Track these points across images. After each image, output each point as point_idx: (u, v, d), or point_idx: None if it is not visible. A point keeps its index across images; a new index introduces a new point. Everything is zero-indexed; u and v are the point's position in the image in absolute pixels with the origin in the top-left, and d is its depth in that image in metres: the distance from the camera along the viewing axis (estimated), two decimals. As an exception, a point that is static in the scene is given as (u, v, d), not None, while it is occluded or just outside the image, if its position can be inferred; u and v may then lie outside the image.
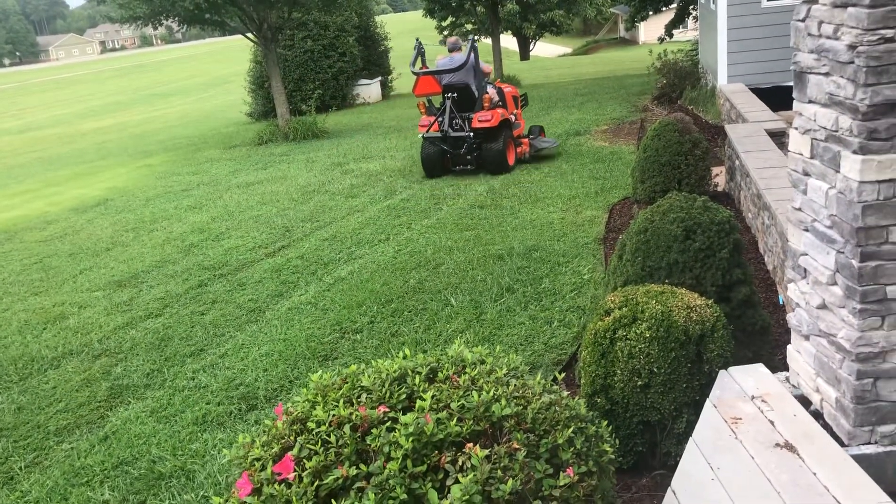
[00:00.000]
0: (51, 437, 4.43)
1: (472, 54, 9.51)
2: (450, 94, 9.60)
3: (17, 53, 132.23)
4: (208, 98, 31.04)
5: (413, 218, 8.09)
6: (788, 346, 3.29)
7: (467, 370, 2.55)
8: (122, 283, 7.12)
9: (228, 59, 52.63)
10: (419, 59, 10.14)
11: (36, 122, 29.17)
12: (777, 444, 2.73)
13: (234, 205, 9.77)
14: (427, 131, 9.62)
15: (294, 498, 2.12)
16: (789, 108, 9.12)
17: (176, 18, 13.24)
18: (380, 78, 21.73)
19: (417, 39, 10.40)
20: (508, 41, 36.47)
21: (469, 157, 9.67)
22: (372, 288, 6.13)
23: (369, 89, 20.91)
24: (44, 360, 5.55)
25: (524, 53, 37.71)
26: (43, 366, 5.46)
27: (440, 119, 9.57)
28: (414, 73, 10.01)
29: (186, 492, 3.64)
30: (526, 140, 10.05)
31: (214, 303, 6.28)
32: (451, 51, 9.87)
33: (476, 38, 10.33)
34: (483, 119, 9.26)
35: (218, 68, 48.03)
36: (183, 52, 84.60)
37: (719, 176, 7.50)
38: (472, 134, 9.46)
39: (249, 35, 14.59)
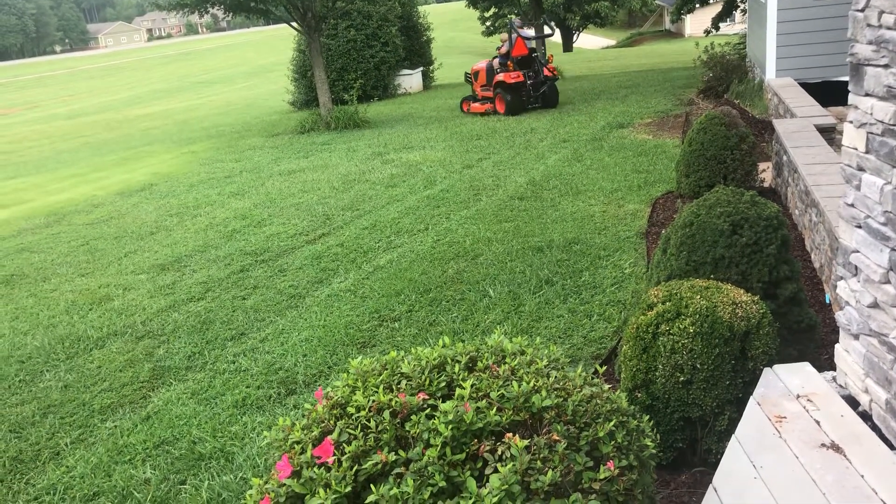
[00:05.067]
0: (95, 415, 4.52)
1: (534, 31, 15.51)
2: (532, 54, 14.08)
3: (68, 40, 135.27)
4: (251, 87, 31.36)
5: (452, 208, 8.08)
6: (836, 346, 3.21)
7: (507, 360, 2.53)
8: (165, 266, 7.23)
9: (272, 48, 53.07)
10: (513, 30, 14.09)
11: (84, 108, 29.78)
12: (823, 445, 2.66)
13: (275, 192, 9.86)
14: (512, 81, 13.54)
15: (333, 482, 2.13)
16: (839, 103, 8.87)
17: (222, 6, 13.37)
18: (421, 68, 21.74)
19: (510, 18, 14.94)
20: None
21: (539, 95, 13.94)
22: (410, 277, 6.14)
23: (411, 79, 20.93)
24: (89, 340, 5.67)
25: (567, 45, 37.40)
26: (88, 345, 5.57)
27: (524, 71, 13.75)
28: (520, 35, 13.97)
29: (226, 473, 3.69)
30: None
31: (255, 288, 6.35)
32: (519, 28, 14.42)
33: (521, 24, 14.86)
34: (550, 69, 14.08)
35: (261, 57, 48.46)
36: (227, 40, 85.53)
37: (766, 171, 7.35)
38: (545, 80, 13.89)
39: (293, 24, 14.68)
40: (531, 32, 17.96)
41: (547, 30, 17.26)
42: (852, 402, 3.01)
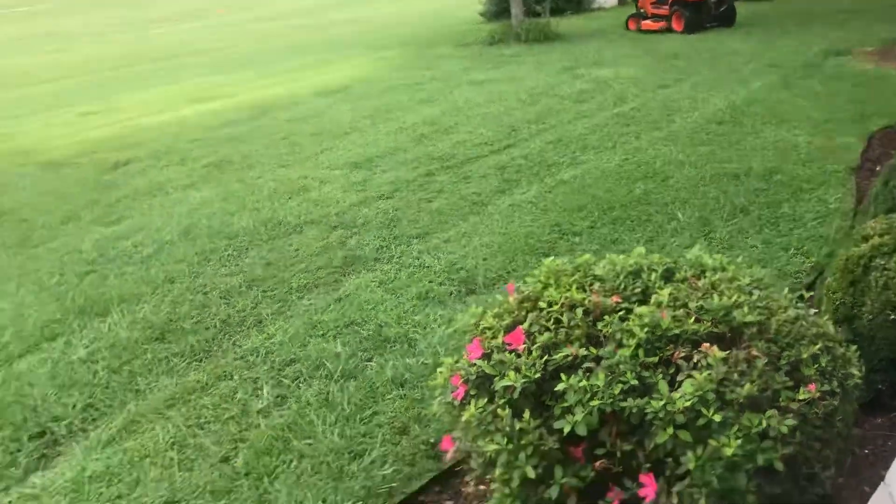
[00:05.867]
0: (293, 292, 4.90)
1: None
2: None
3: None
4: (443, -3, 31.38)
5: (643, 128, 7.81)
6: None
7: (706, 275, 2.47)
8: (358, 164, 7.57)
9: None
10: None
11: (284, 11, 31.13)
12: None
13: (463, 101, 9.95)
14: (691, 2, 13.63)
15: (524, 367, 2.20)
16: None
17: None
18: (618, -17, 20.74)
19: None
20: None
21: (719, 14, 13.75)
22: (594, 194, 6.05)
23: (606, -6, 20.08)
24: (288, 225, 6.10)
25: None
26: (287, 230, 6.00)
27: None
28: None
29: (408, 357, 3.91)
30: None
31: (440, 192, 6.52)
32: None
33: None
34: None
35: (454, -33, 48.17)
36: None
37: None
38: None
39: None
40: None
41: None
42: None
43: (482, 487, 2.85)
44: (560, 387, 2.12)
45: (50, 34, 30.53)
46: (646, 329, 2.14)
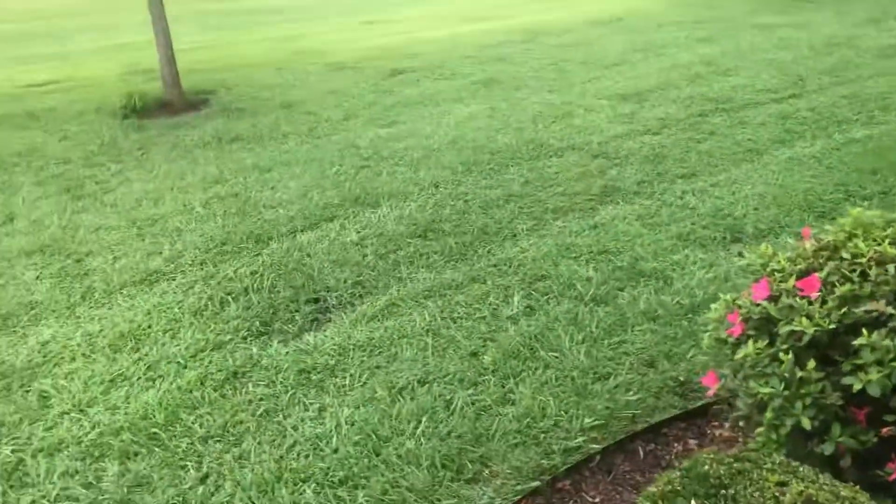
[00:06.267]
0: (548, 213, 4.95)
1: None
2: None
3: None
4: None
5: (962, 94, 6.82)
6: None
7: None
8: (625, 96, 7.38)
9: None
10: None
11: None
12: None
13: (746, 44, 9.26)
14: None
15: (817, 315, 2.05)
16: None
17: None
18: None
19: None
20: None
21: None
22: (892, 159, 5.41)
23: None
24: (550, 147, 6.13)
25: None
26: (548, 152, 6.03)
27: None
28: None
29: (663, 293, 3.81)
30: None
31: (712, 134, 6.18)
32: None
33: None
34: None
35: None
36: None
37: None
38: None
39: None
40: None
41: None
42: None
43: (732, 434, 2.75)
44: (859, 341, 1.95)
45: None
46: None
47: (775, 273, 2.32)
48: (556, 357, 3.37)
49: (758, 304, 2.22)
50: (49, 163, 6.45)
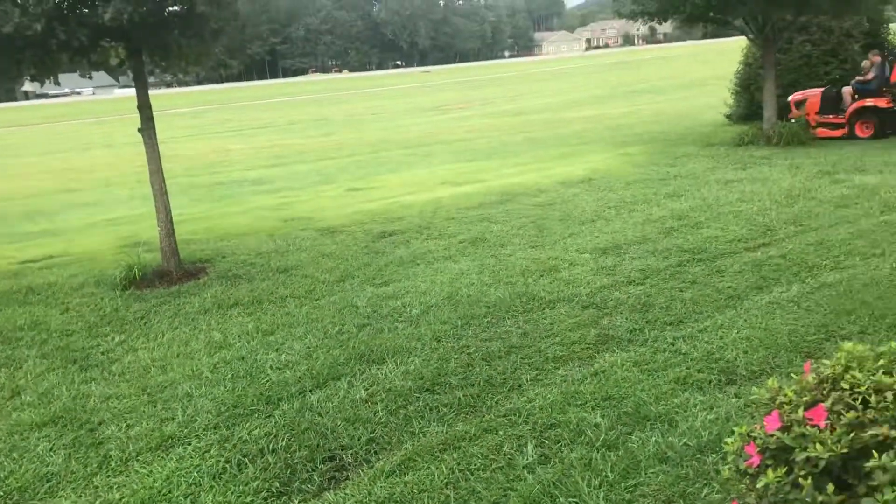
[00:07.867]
0: (549, 362, 5.15)
1: None
2: None
3: (516, 47, 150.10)
4: (684, 98, 31.31)
5: (918, 237, 7.33)
6: None
7: None
8: (606, 250, 7.80)
9: (707, 61, 52.26)
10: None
11: (528, 107, 32.72)
12: None
13: (712, 198, 9.90)
14: (885, 106, 14.03)
15: (829, 441, 2.24)
16: None
17: (681, 15, 13.69)
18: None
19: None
20: None
21: None
22: (864, 299, 5.77)
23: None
24: (541, 300, 6.42)
25: None
26: (541, 304, 6.31)
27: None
28: None
29: (670, 435, 3.97)
30: None
31: (693, 283, 6.54)
32: None
33: None
34: None
35: (695, 70, 48.00)
36: (662, 52, 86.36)
37: None
38: None
39: (750, 36, 14.40)
40: None
41: None
42: None
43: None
44: (871, 463, 2.13)
45: (317, 119, 34.45)
46: (968, 418, 2.11)
47: (784, 406, 2.53)
48: (577, 503, 3.46)
49: (772, 435, 2.41)
50: (52, 335, 6.58)
